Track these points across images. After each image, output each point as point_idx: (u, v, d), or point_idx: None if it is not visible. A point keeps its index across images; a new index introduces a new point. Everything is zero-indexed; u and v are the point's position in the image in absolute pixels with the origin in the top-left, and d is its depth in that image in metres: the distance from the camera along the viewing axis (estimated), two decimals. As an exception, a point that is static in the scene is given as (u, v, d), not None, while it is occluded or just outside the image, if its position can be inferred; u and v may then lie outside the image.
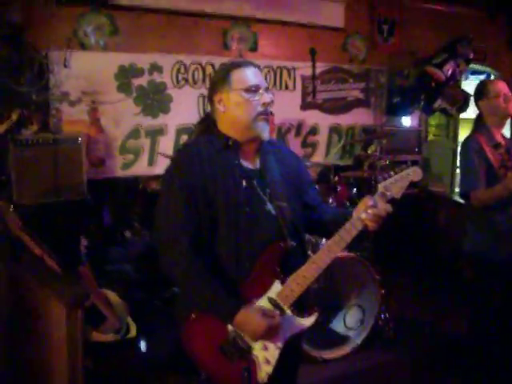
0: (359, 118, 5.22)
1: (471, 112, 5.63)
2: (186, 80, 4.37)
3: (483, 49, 5.44)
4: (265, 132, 1.91)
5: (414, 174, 1.93)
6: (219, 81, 1.93)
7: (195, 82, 4.40)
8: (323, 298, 3.27)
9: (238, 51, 4.51)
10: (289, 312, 1.86)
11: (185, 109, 4.39)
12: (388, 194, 1.88)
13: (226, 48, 4.48)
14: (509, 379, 3.29)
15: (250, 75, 1.90)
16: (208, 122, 2.03)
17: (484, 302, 3.09)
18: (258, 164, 1.98)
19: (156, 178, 4.44)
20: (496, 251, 2.94)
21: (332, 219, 2.02)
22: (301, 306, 1.91)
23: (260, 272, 1.86)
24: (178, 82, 4.34)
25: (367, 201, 1.85)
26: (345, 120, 5.17)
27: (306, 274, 1.86)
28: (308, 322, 1.88)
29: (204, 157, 1.90)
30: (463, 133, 6.91)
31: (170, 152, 4.26)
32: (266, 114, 1.91)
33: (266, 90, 1.93)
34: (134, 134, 4.25)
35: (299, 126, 4.97)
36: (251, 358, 1.82)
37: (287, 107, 4.81)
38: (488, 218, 2.97)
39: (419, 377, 3.32)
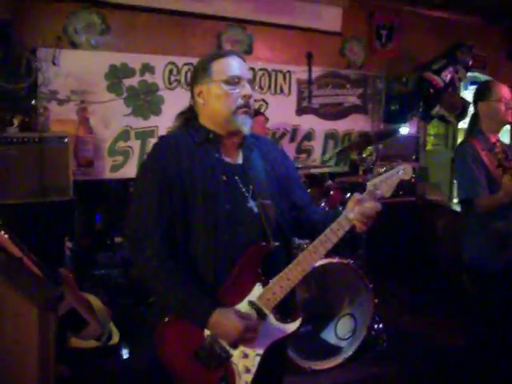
0: (356, 124, 5.11)
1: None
2: (179, 81, 4.27)
3: (483, 57, 5.35)
4: (246, 125, 1.81)
5: (404, 172, 1.81)
6: (199, 72, 1.84)
7: (188, 84, 4.29)
8: (314, 307, 3.16)
9: (232, 53, 4.41)
10: (271, 317, 1.74)
11: (176, 111, 4.17)
12: (377, 192, 1.78)
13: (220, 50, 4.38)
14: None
15: (232, 66, 1.80)
16: (189, 115, 1.94)
17: (484, 314, 2.96)
18: (240, 159, 1.87)
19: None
20: (497, 259, 2.82)
21: (321, 220, 1.90)
22: (284, 311, 1.80)
23: (240, 274, 1.74)
24: (170, 83, 4.25)
25: (355, 199, 1.74)
26: (341, 126, 5.06)
27: (290, 276, 1.75)
28: (291, 327, 1.77)
29: (182, 149, 1.79)
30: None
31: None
32: (247, 107, 1.81)
33: (249, 81, 1.83)
34: (124, 135, 4.14)
35: (294, 131, 4.86)
36: (229, 366, 1.70)
37: (282, 112, 4.72)
38: (488, 225, 2.85)
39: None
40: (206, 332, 1.69)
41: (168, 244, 1.71)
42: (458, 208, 5.39)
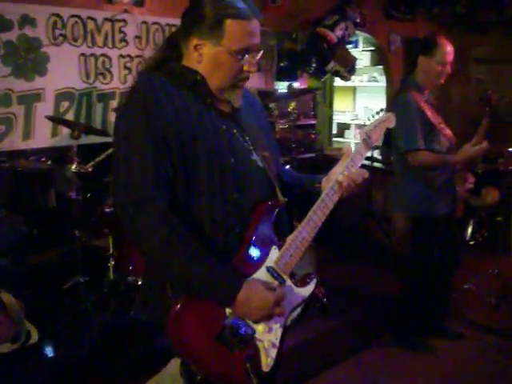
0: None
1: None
2: (65, 36, 3.70)
3: (364, 15, 5.47)
4: (238, 99, 1.56)
5: (389, 119, 1.79)
6: (206, 21, 1.44)
7: (75, 39, 3.74)
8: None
9: (122, 5, 3.94)
10: (289, 282, 1.56)
11: (64, 70, 3.73)
12: (370, 140, 1.69)
13: (109, 1, 3.88)
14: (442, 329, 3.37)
15: (249, 34, 1.47)
16: (168, 54, 1.58)
17: (420, 257, 3.07)
18: (229, 108, 1.60)
19: (31, 153, 3.77)
20: (436, 205, 2.93)
21: (295, 183, 1.78)
22: (297, 273, 1.62)
23: (254, 237, 1.51)
24: (54, 38, 3.66)
25: (344, 161, 1.61)
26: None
27: (305, 234, 1.58)
28: (308, 290, 1.63)
29: (173, 92, 1.46)
30: (338, 99, 7.07)
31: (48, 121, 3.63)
32: (244, 80, 1.55)
33: (258, 48, 1.52)
34: (4, 100, 3.49)
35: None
36: (254, 343, 1.48)
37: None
38: (423, 175, 2.94)
39: (359, 340, 3.24)
40: (228, 310, 1.44)
41: (172, 208, 1.41)
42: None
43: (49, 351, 2.73)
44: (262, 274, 1.50)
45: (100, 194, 3.35)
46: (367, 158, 4.62)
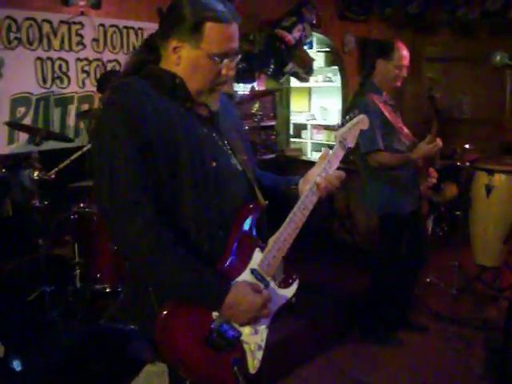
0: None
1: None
2: (20, 40, 3.59)
3: (319, 16, 5.55)
4: (215, 103, 1.55)
5: (363, 122, 1.83)
6: (185, 23, 1.42)
7: (30, 43, 3.64)
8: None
9: (78, 8, 3.85)
10: (272, 284, 1.57)
11: (20, 75, 3.62)
12: (346, 142, 1.74)
13: (66, 3, 3.79)
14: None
15: (229, 38, 1.45)
16: (145, 57, 1.56)
17: (388, 255, 3.14)
18: (207, 112, 1.60)
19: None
20: (403, 203, 3.01)
21: (271, 185, 1.78)
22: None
23: (237, 240, 1.53)
24: (9, 42, 3.54)
25: (321, 163, 1.64)
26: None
27: (285, 236, 1.59)
28: (291, 291, 1.66)
29: (154, 95, 1.45)
30: (294, 100, 7.12)
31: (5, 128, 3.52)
32: (222, 84, 1.54)
33: (237, 53, 1.51)
34: (-42, 106, 3.38)
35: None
36: (240, 346, 1.49)
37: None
38: (389, 174, 3.01)
39: (327, 337, 3.29)
40: (215, 313, 1.44)
41: (158, 213, 1.40)
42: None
43: (16, 365, 2.65)
44: (246, 276, 1.51)
45: (64, 200, 3.27)
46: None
